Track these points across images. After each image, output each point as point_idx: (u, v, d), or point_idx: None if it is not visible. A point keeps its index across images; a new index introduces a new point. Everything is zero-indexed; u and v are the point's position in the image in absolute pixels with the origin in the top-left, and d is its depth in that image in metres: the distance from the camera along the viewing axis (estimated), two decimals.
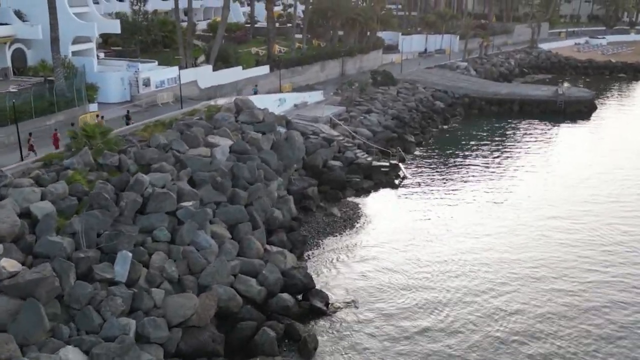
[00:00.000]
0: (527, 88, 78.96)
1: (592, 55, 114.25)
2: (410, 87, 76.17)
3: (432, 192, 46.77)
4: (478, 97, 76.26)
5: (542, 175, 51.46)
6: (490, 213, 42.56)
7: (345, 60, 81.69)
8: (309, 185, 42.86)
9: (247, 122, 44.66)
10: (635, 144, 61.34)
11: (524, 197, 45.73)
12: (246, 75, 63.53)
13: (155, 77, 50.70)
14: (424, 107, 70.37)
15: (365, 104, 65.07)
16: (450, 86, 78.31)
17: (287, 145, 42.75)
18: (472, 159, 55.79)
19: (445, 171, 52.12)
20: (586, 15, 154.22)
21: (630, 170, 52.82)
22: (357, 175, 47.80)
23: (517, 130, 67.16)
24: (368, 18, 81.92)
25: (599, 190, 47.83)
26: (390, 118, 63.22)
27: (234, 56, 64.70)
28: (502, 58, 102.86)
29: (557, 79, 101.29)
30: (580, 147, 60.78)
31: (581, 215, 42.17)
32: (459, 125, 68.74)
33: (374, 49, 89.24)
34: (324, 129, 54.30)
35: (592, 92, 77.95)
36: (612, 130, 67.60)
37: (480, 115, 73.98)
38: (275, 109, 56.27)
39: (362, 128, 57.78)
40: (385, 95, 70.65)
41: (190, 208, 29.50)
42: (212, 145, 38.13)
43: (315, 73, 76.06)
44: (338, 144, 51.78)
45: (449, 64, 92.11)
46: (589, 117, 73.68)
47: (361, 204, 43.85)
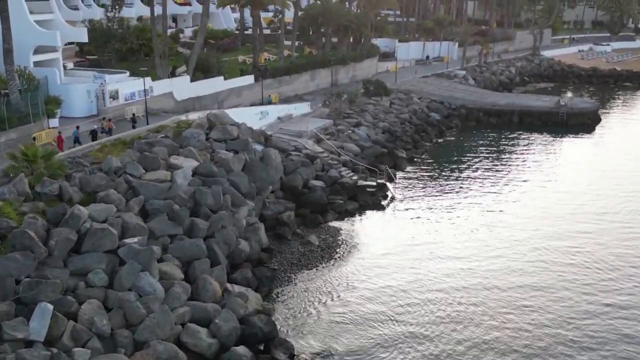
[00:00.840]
0: (527, 98, 75.19)
1: (596, 63, 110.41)
2: (404, 97, 72.44)
3: (422, 215, 42.95)
4: (476, 108, 72.50)
5: (542, 194, 47.59)
6: (486, 238, 38.75)
7: (337, 69, 77.99)
8: (285, 209, 39.07)
9: (219, 140, 40.92)
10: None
11: (522, 219, 41.91)
12: (228, 86, 59.85)
13: (124, 89, 47.04)
14: (418, 120, 66.61)
15: (354, 116, 61.34)
16: (447, 96, 74.56)
17: (260, 166, 38.97)
18: (467, 176, 51.95)
19: (438, 190, 48.29)
20: (590, 21, 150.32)
21: (637, 187, 49.00)
22: (341, 197, 44.03)
23: (516, 143, 63.32)
24: (361, 25, 78.27)
25: (602, 211, 44.15)
26: (381, 132, 59.46)
27: (216, 65, 61.04)
28: (503, 66, 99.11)
29: (560, 87, 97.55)
30: (583, 163, 56.93)
31: (582, 241, 38.34)
32: (454, 139, 64.92)
33: (368, 56, 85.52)
34: (307, 144, 50.58)
35: (596, 103, 74.13)
36: (618, 144, 63.69)
37: (477, 127, 70.18)
38: (257, 122, 52.70)
39: (350, 143, 54.02)
40: (377, 106, 66.92)
41: (134, 245, 25.74)
42: (175, 168, 34.41)
43: (304, 83, 72.37)
44: (322, 162, 48.04)
45: (446, 73, 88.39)
46: (592, 130, 69.81)
47: (343, 230, 40.04)
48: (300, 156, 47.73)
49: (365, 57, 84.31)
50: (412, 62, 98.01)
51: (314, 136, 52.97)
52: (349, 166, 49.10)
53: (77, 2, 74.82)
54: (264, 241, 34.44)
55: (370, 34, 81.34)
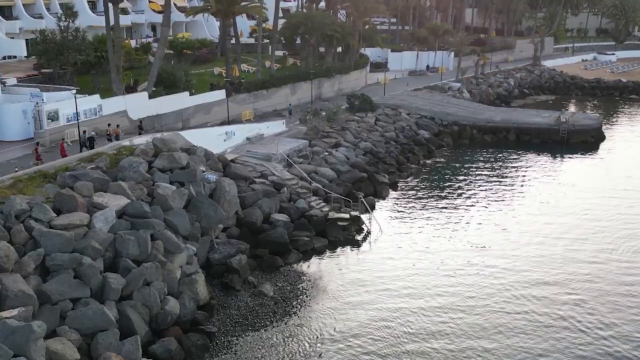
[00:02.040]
0: (525, 114, 69.66)
1: (600, 74, 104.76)
2: (391, 113, 67.02)
3: (402, 253, 37.55)
4: (469, 124, 67.01)
5: (538, 225, 42.21)
6: (474, 283, 33.42)
7: (322, 82, 72.67)
8: (237, 251, 33.64)
9: (164, 169, 35.57)
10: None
11: (515, 258, 36.51)
12: (195, 102, 54.53)
13: (66, 109, 41.72)
14: (405, 138, 61.14)
15: (334, 135, 55.91)
16: (438, 112, 69.08)
17: (207, 201, 33.51)
18: (456, 204, 46.41)
19: (422, 222, 42.79)
20: (594, 29, 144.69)
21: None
22: (307, 233, 38.62)
23: (512, 165, 57.78)
24: (347, 34, 72.93)
25: (603, 242, 39.25)
26: (362, 153, 54.04)
27: (183, 79, 55.73)
28: (501, 77, 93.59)
29: (562, 100, 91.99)
30: (585, 187, 51.39)
31: (579, 284, 32.95)
32: (444, 160, 59.37)
33: (357, 68, 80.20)
34: (275, 170, 45.20)
35: (599, 119, 68.53)
36: (622, 166, 58.05)
37: (470, 146, 64.65)
38: (221, 145, 47.44)
39: (325, 167, 48.63)
40: (360, 123, 61.52)
41: (9, 321, 20.33)
42: (99, 208, 29.07)
43: (284, 97, 67.03)
44: (289, 190, 42.66)
45: (440, 85, 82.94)
46: (595, 149, 64.22)
47: (306, 274, 34.60)
48: (266, 184, 42.42)
49: (353, 69, 79.02)
50: (405, 73, 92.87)
51: (285, 160, 47.60)
52: (321, 195, 43.75)
53: (18, 12, 69.80)
54: (203, 296, 29.00)
55: (357, 44, 75.99)
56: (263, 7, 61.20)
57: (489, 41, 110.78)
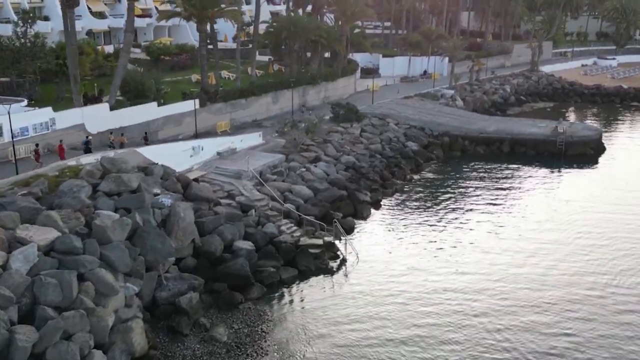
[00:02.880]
0: (520, 124, 65.82)
1: (600, 80, 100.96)
2: (378, 123, 63.25)
3: (379, 284, 33.78)
4: (460, 135, 63.19)
5: (529, 249, 38.47)
6: (458, 323, 29.55)
7: (306, 90, 68.93)
8: (189, 288, 29.81)
9: (111, 194, 31.79)
10: None
11: (504, 297, 32.62)
12: (164, 113, 50.77)
13: (12, 123, 37.86)
14: (392, 151, 57.32)
15: (314, 148, 52.12)
16: (428, 121, 65.28)
17: (155, 231, 29.69)
18: (444, 225, 42.59)
19: (403, 246, 38.97)
20: (594, 33, 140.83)
21: None
22: (275, 262, 34.81)
23: (505, 179, 53.95)
24: (333, 40, 69.15)
25: (597, 268, 35.71)
26: (344, 168, 50.22)
27: (153, 88, 52.01)
28: (497, 84, 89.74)
29: (560, 107, 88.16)
30: (582, 204, 47.67)
31: (570, 323, 29.09)
32: (433, 174, 55.53)
33: (345, 74, 76.40)
34: (245, 189, 41.39)
35: (599, 130, 64.69)
36: (623, 180, 54.16)
37: (462, 158, 60.79)
38: (187, 161, 43.66)
39: (301, 185, 44.85)
40: (344, 135, 57.74)
41: None
42: (23, 243, 25.27)
43: (265, 106, 63.30)
44: (258, 213, 38.85)
45: (432, 92, 79.18)
46: (595, 162, 60.38)
47: (269, 312, 30.76)
48: (232, 206, 38.61)
49: (341, 75, 75.23)
50: (396, 80, 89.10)
51: (256, 177, 43.80)
52: (293, 217, 39.94)
53: None
54: (140, 346, 25.15)
55: (344, 50, 72.20)
56: (241, 12, 57.41)
57: (485, 45, 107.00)
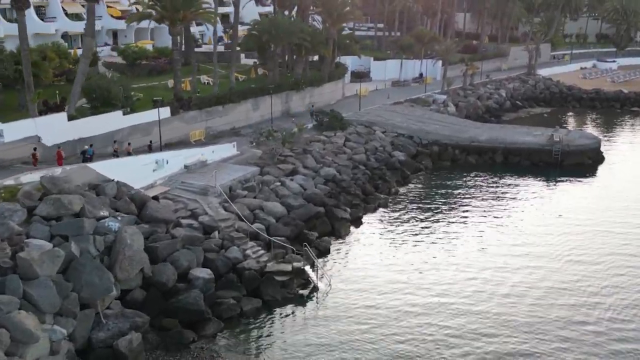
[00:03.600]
0: (514, 132, 62.44)
1: (599, 83, 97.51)
2: (364, 131, 59.93)
3: (352, 317, 30.48)
4: (451, 144, 59.82)
5: (522, 269, 35.15)
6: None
7: (290, 95, 65.63)
8: (131, 327, 26.49)
9: (49, 218, 28.55)
10: None
11: (484, 318, 29.33)
12: (131, 122, 47.50)
13: None
14: (377, 162, 53.99)
15: (292, 160, 48.82)
16: (417, 129, 61.92)
17: (92, 264, 26.37)
18: (426, 246, 39.33)
19: (381, 272, 35.65)
20: (594, 35, 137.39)
21: None
22: (236, 292, 31.52)
23: (498, 191, 50.67)
24: (318, 43, 65.83)
25: (586, 294, 32.73)
26: (323, 181, 46.90)
27: (121, 95, 48.69)
28: (492, 88, 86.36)
29: (558, 113, 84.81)
30: (577, 219, 44.66)
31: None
32: (420, 186, 52.21)
33: (332, 79, 73.02)
34: (210, 207, 38.06)
35: (597, 138, 61.26)
36: (622, 193, 50.85)
37: (452, 168, 57.42)
38: (149, 176, 40.40)
39: (274, 201, 41.51)
40: (326, 144, 54.45)
41: None
42: None
43: (244, 113, 59.97)
44: (222, 235, 35.52)
45: (423, 97, 75.84)
46: (593, 172, 57.04)
47: (223, 353, 27.50)
48: (193, 227, 35.30)
49: (328, 80, 71.85)
50: (387, 84, 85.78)
51: (226, 193, 40.49)
52: (262, 239, 36.59)
53: None
54: None
55: (330, 54, 68.90)
56: (217, 14, 54.12)
57: (481, 48, 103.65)
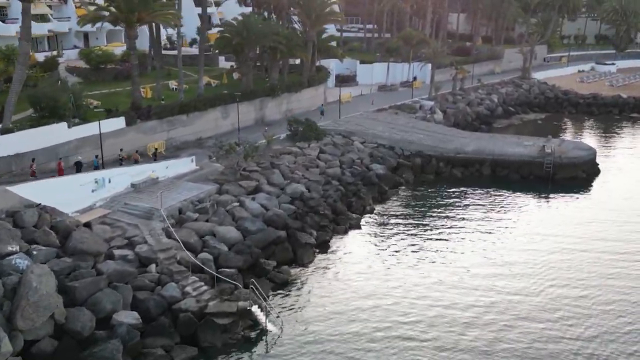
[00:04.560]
0: (503, 142, 58.05)
1: (597, 87, 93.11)
2: (342, 142, 55.64)
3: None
4: (435, 155, 55.48)
5: (503, 299, 30.70)
6: None
7: (265, 102, 61.35)
8: None
9: None
10: None
11: None
12: (79, 134, 43.24)
13: None
14: (353, 176, 49.68)
15: (257, 175, 44.54)
16: (399, 140, 57.56)
17: None
18: (400, 274, 34.99)
19: (347, 309, 31.32)
20: (593, 36, 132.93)
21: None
22: (168, 340, 27.23)
23: (484, 207, 46.51)
24: (295, 46, 61.52)
25: (571, 334, 27.91)
26: (289, 200, 42.61)
27: (70, 105, 44.49)
28: (483, 93, 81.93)
29: (552, 120, 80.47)
30: (568, 239, 40.87)
31: None
32: (398, 203, 47.88)
33: (313, 84, 68.71)
34: (151, 235, 33.78)
35: (592, 150, 56.87)
36: (618, 210, 46.71)
37: (435, 182, 53.07)
38: (87, 197, 36.15)
39: (230, 225, 37.23)
40: (298, 157, 50.18)
41: None
42: None
43: (213, 122, 55.70)
44: (160, 268, 31.24)
45: (409, 104, 71.48)
46: (587, 187, 52.77)
47: None
48: (127, 259, 31.03)
49: (307, 85, 67.53)
50: (373, 88, 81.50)
51: (172, 217, 36.23)
52: (208, 272, 32.28)
53: None
54: None
55: (307, 57, 64.56)
56: (178, 15, 49.76)
57: (473, 50, 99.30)
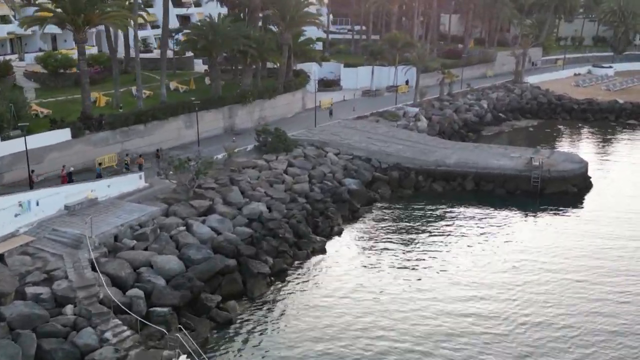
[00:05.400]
0: (488, 154, 53.96)
1: (593, 92, 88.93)
2: (314, 153, 51.58)
3: None
4: (414, 168, 51.43)
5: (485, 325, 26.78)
6: None
7: (234, 109, 57.31)
8: None
9: None
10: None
11: None
12: (15, 149, 39.10)
13: None
14: (322, 192, 45.59)
15: (212, 194, 40.47)
16: (376, 151, 53.46)
17: None
18: (365, 308, 30.86)
19: (299, 352, 27.25)
20: (591, 37, 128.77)
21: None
22: None
23: (466, 226, 42.65)
24: (266, 50, 57.44)
25: None
26: (246, 221, 38.53)
27: (9, 115, 40.56)
28: (472, 98, 77.77)
29: (545, 127, 76.35)
30: (554, 263, 36.82)
31: None
32: (371, 223, 43.75)
33: (290, 89, 64.65)
34: (74, 268, 29.72)
35: (583, 162, 52.68)
36: (610, 227, 42.80)
37: (413, 198, 48.94)
38: (9, 222, 32.10)
39: (171, 253, 33.14)
40: (263, 171, 46.14)
41: None
42: None
43: (175, 131, 51.70)
44: (79, 309, 27.16)
45: (393, 110, 67.36)
46: (578, 203, 48.73)
47: None
48: (40, 299, 26.99)
49: (284, 91, 63.47)
50: (356, 93, 77.50)
51: (108, 244, 32.17)
52: (135, 312, 28.21)
53: None
54: None
55: (281, 61, 60.50)
56: (132, 17, 45.68)
57: (465, 53, 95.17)
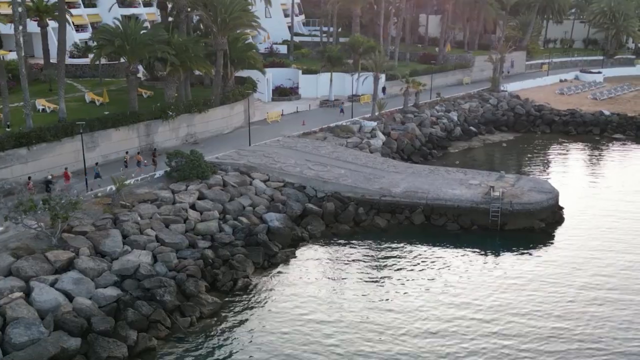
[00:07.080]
0: (443, 180, 45.92)
1: (578, 101, 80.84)
2: (237, 180, 43.56)
3: None
4: (355, 198, 43.48)
5: None
6: None
7: (153, 126, 49.36)
8: None
9: None
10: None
11: None
12: None
13: None
14: (233, 233, 37.63)
15: (79, 241, 32.49)
16: (313, 177, 45.46)
17: None
18: None
19: None
20: (581, 40, 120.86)
21: None
22: None
23: (410, 272, 34.58)
24: (191, 57, 49.47)
25: None
26: (114, 280, 30.68)
27: None
28: (441, 110, 69.73)
29: (521, 142, 68.28)
30: (517, 311, 28.32)
31: None
32: (290, 271, 35.68)
33: (228, 100, 56.53)
34: None
35: (553, 192, 44.59)
36: (583, 272, 35.10)
37: (351, 235, 40.80)
38: None
39: None
40: (164, 205, 38.15)
41: None
42: None
43: (71, 155, 43.43)
44: None
45: (347, 125, 59.28)
46: (547, 241, 40.77)
47: None
48: None
49: (220, 103, 55.34)
50: (313, 104, 69.54)
51: None
52: None
53: None
54: None
55: (209, 70, 52.60)
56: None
57: (440, 57, 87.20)
